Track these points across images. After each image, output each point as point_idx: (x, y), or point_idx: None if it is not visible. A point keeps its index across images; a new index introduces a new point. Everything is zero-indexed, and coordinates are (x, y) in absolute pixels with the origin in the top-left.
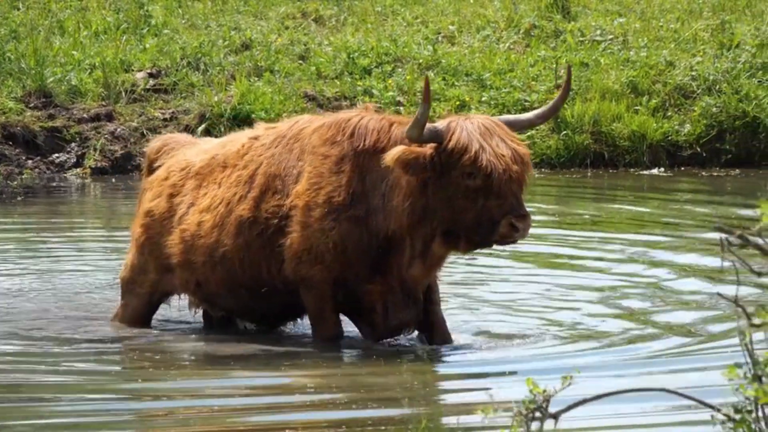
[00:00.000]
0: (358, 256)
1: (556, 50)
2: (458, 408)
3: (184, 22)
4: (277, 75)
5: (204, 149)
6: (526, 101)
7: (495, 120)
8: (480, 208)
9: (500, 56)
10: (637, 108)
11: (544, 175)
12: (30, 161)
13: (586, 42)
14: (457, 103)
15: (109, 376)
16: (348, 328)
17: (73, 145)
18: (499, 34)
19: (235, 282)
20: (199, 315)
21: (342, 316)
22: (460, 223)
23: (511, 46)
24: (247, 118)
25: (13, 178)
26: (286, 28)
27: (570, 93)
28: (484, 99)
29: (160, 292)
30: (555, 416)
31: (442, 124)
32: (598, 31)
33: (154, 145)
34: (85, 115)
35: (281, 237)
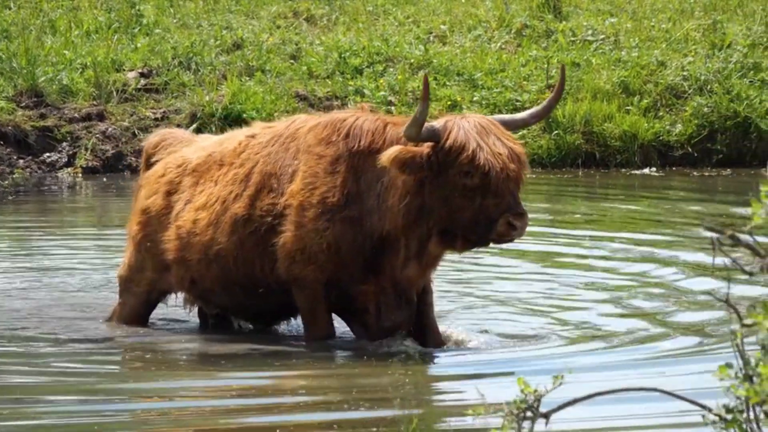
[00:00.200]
0: (351, 256)
1: (548, 50)
2: (449, 408)
3: (175, 21)
4: (269, 75)
5: (201, 146)
6: (517, 101)
7: (491, 119)
8: (477, 207)
9: (492, 56)
10: (628, 108)
11: (535, 175)
12: (21, 161)
13: (578, 42)
14: (449, 103)
15: (100, 376)
16: (341, 328)
17: (65, 144)
18: (491, 33)
19: (230, 280)
20: (193, 313)
21: (335, 316)
22: (457, 222)
23: (503, 46)
24: (239, 118)
25: (4, 178)
26: (278, 28)
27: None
28: (475, 99)
29: (158, 291)
30: (546, 416)
31: (439, 123)
32: (590, 31)
33: (152, 139)
34: (76, 115)
35: (274, 236)
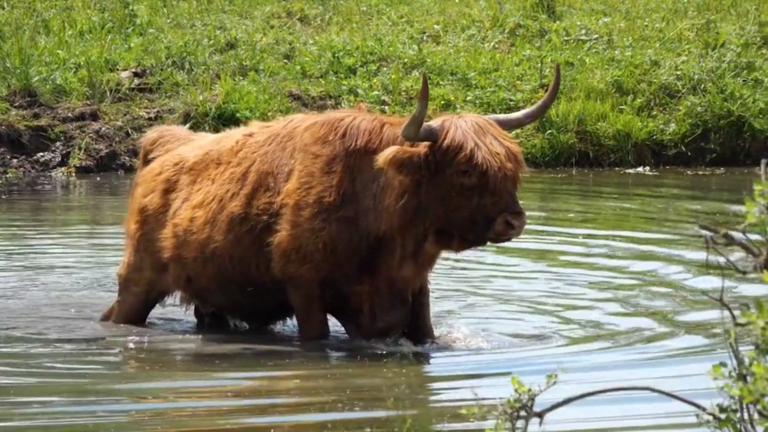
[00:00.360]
0: (347, 256)
1: (541, 50)
2: (444, 409)
3: (169, 21)
4: (262, 74)
5: (198, 145)
6: (511, 100)
7: (487, 118)
8: (475, 206)
9: (485, 56)
10: (622, 107)
11: (529, 174)
12: (15, 160)
13: (571, 41)
14: (442, 103)
15: (94, 377)
16: (335, 328)
17: (58, 144)
18: (484, 33)
19: (225, 278)
20: (189, 312)
21: (329, 316)
22: (454, 222)
23: (496, 46)
24: (232, 118)
25: None
26: (271, 28)
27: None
28: (469, 98)
29: (157, 291)
30: (540, 415)
31: (436, 123)
32: (583, 31)
33: (150, 136)
34: (70, 114)
35: (270, 234)
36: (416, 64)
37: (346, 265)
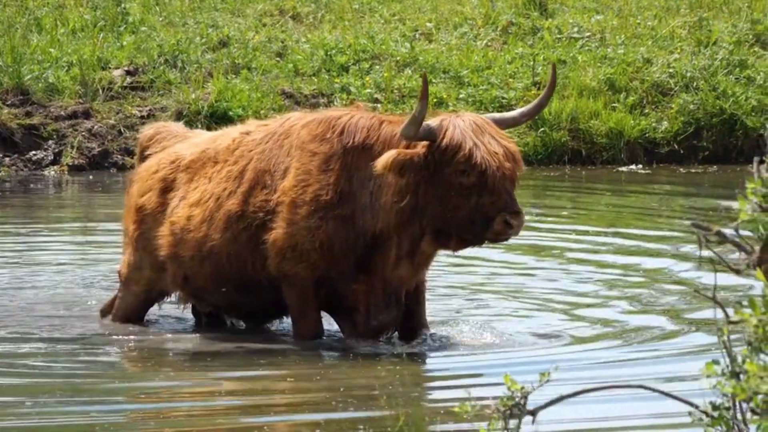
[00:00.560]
0: (343, 255)
1: (534, 47)
2: (437, 408)
3: (161, 19)
4: (255, 72)
5: (194, 143)
6: (503, 98)
7: (485, 118)
8: (473, 206)
9: (478, 53)
10: (614, 105)
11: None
12: (7, 158)
13: (564, 39)
14: (435, 101)
15: (87, 376)
16: (328, 326)
17: (51, 142)
18: (477, 31)
19: (222, 277)
20: (184, 311)
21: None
22: (451, 221)
23: (489, 44)
24: (225, 116)
25: None
26: (264, 26)
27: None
28: (461, 96)
29: (157, 291)
30: (533, 413)
31: (434, 122)
32: (576, 29)
33: (147, 132)
34: (62, 113)
35: (266, 232)
36: (409, 62)
37: (342, 264)
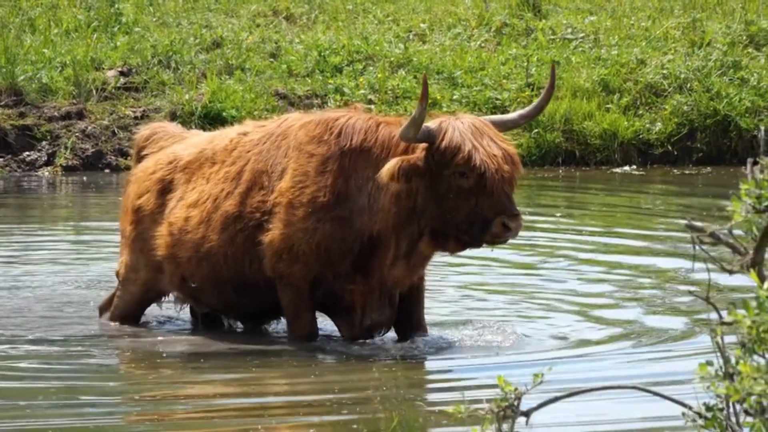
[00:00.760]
0: (340, 256)
1: (527, 48)
2: (431, 408)
3: (155, 20)
4: (248, 73)
5: (192, 143)
6: (497, 99)
7: (483, 120)
8: (472, 208)
9: (471, 54)
10: (608, 106)
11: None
12: (1, 159)
13: (558, 40)
14: (429, 102)
15: (80, 378)
16: (323, 327)
17: (44, 143)
18: (470, 32)
19: (220, 278)
20: (181, 312)
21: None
22: (450, 223)
23: (483, 44)
24: (218, 116)
25: None
26: (257, 26)
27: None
28: (455, 97)
29: (155, 291)
30: (526, 414)
31: (433, 124)
32: (569, 30)
33: (143, 132)
34: (56, 114)
35: (262, 233)
36: (402, 63)
37: (338, 265)
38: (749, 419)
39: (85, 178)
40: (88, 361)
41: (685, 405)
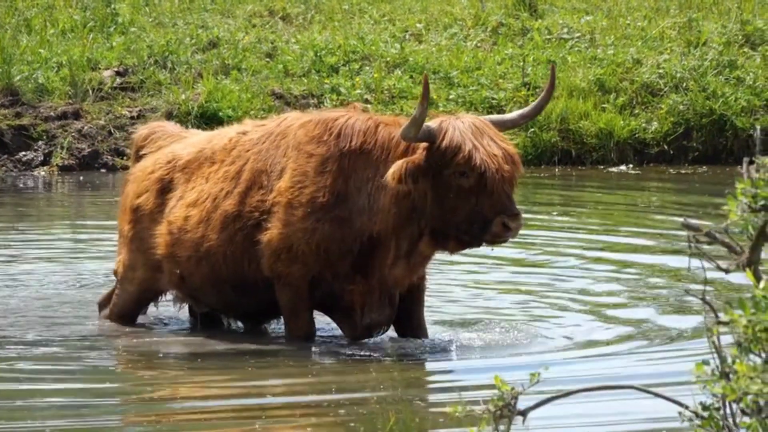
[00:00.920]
0: (339, 256)
1: (524, 48)
2: (429, 407)
3: (151, 20)
4: (245, 73)
5: (191, 142)
6: (493, 99)
7: (484, 120)
8: (472, 208)
9: (467, 54)
10: (604, 106)
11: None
12: None
13: (554, 40)
14: None
15: (78, 379)
16: (320, 327)
17: (41, 143)
18: (467, 32)
19: (219, 278)
20: (179, 311)
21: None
22: (450, 223)
23: (479, 44)
24: (215, 116)
25: None
26: (253, 26)
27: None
28: (451, 97)
29: (153, 291)
30: (523, 413)
31: (434, 124)
32: (565, 29)
33: (142, 132)
34: (52, 114)
35: (261, 232)
36: (399, 63)
37: (337, 265)
38: (746, 419)
39: (81, 178)
40: (86, 362)
41: (681, 404)
